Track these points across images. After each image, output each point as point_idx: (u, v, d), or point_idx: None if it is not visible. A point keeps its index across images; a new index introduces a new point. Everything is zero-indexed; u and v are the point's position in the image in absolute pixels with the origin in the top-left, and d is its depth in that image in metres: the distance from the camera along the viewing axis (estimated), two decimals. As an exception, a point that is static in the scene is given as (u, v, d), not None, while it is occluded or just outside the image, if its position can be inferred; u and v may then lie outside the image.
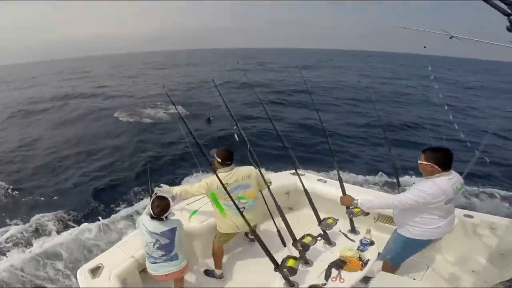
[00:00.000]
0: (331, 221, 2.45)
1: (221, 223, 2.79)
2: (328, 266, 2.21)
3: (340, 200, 2.62)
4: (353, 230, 2.66)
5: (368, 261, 2.25)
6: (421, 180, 2.31)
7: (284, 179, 3.81)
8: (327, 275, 2.15)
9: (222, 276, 2.98)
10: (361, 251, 2.33)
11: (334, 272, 2.18)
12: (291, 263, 1.98)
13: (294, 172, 3.59)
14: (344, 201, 2.57)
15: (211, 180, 2.61)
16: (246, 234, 3.40)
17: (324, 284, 2.09)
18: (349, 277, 2.15)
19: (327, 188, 3.59)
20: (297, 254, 2.22)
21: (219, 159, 2.69)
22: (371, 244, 2.43)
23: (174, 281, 2.66)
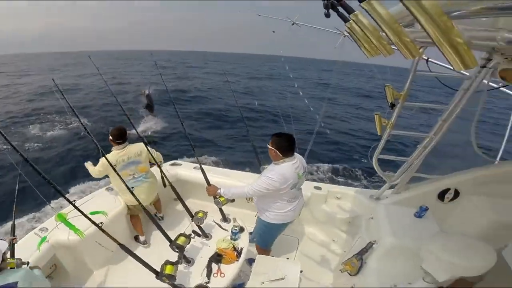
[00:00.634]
0: (201, 214, 2.53)
1: (123, 196, 2.97)
2: (208, 262, 2.29)
3: (206, 191, 2.67)
4: (224, 219, 2.78)
5: (242, 249, 2.40)
6: (269, 166, 2.40)
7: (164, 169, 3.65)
8: (209, 272, 2.23)
9: (145, 242, 3.15)
10: (234, 240, 2.44)
11: (214, 267, 2.27)
12: (168, 270, 1.99)
13: (173, 163, 3.80)
14: (210, 192, 2.62)
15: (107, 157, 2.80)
16: (156, 214, 3.57)
17: (207, 282, 2.15)
18: (228, 270, 2.25)
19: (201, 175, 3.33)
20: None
21: (111, 137, 2.83)
22: (241, 231, 2.53)
23: None
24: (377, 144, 2.66)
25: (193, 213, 2.66)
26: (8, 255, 1.75)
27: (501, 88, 2.10)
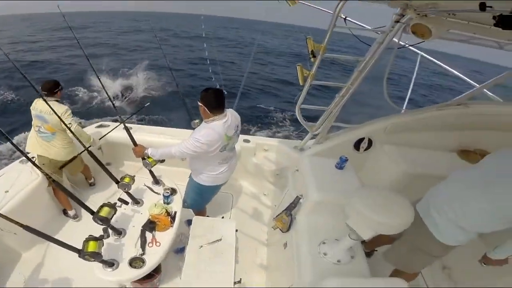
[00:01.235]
0: (127, 180, 2.25)
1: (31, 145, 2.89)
2: (141, 231, 2.10)
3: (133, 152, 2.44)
4: (156, 182, 2.58)
5: (175, 213, 2.26)
6: (201, 124, 2.23)
7: (91, 132, 3.34)
8: (143, 242, 2.05)
9: (76, 216, 3.08)
10: (167, 204, 2.29)
11: (148, 237, 2.09)
12: (92, 247, 1.73)
13: (99, 125, 3.46)
14: (136, 153, 2.39)
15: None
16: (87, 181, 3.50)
17: (142, 254, 2.00)
18: (164, 238, 2.11)
19: (136, 136, 3.01)
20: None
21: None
22: (173, 193, 2.40)
23: None
24: (300, 93, 2.66)
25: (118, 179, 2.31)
26: None
27: (409, 47, 2.36)
